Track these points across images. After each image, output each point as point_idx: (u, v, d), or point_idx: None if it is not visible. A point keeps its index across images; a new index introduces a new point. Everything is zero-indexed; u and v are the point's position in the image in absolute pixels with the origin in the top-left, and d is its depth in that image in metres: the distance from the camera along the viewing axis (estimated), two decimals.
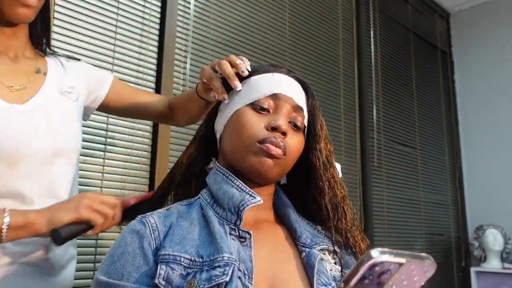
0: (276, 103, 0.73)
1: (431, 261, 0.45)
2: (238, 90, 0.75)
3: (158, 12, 1.56)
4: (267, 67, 0.77)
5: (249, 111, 0.72)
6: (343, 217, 0.75)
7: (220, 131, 0.76)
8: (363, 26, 2.52)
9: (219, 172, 0.73)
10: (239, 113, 0.72)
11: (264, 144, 0.68)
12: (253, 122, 0.71)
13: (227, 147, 0.73)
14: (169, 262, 0.61)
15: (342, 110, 2.29)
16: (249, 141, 0.69)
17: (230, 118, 0.73)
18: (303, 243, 0.71)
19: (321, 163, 0.76)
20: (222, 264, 0.60)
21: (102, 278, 0.62)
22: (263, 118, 0.71)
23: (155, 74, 1.52)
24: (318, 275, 0.66)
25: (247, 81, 0.76)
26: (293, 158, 0.73)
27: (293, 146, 0.72)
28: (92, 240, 1.29)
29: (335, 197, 0.75)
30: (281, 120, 0.70)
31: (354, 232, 0.76)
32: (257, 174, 0.70)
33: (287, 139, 0.70)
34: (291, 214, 0.76)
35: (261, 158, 0.69)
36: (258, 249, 0.67)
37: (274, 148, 0.68)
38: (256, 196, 0.69)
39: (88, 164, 1.31)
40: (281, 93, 0.73)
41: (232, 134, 0.72)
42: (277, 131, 0.70)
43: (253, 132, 0.70)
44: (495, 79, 3.04)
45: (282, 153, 0.69)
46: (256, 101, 0.72)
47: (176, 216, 0.69)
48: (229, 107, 0.75)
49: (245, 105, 0.73)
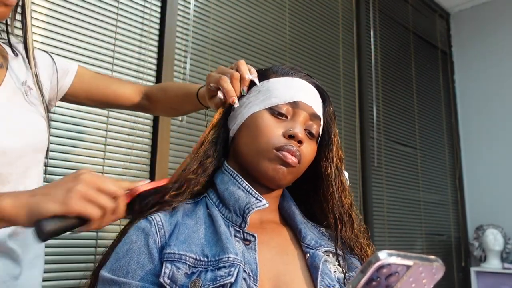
0: (294, 110, 0.72)
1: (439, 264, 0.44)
2: (235, 106, 0.74)
3: (158, 12, 1.56)
4: (287, 69, 0.77)
5: (267, 115, 0.72)
6: (349, 225, 0.76)
7: (234, 131, 0.75)
8: (363, 26, 2.51)
9: (226, 172, 0.73)
10: (256, 116, 0.72)
11: (281, 151, 0.68)
12: (271, 127, 0.70)
13: (241, 149, 0.73)
14: (174, 260, 0.61)
15: (342, 110, 2.28)
16: (265, 146, 0.69)
17: (246, 120, 0.73)
18: (308, 244, 0.71)
19: (332, 171, 0.76)
20: (228, 265, 0.60)
21: (106, 275, 0.62)
22: (280, 124, 0.71)
23: (155, 74, 1.51)
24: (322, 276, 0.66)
25: (266, 83, 0.75)
26: (306, 166, 0.73)
27: (307, 154, 0.72)
28: (92, 240, 1.28)
29: (342, 205, 0.75)
30: (298, 128, 0.70)
31: (361, 239, 0.76)
32: (269, 180, 0.70)
33: (302, 147, 0.71)
34: (297, 215, 0.76)
35: (276, 165, 0.69)
36: (263, 251, 0.67)
37: (290, 156, 0.69)
38: (262, 200, 0.69)
39: (88, 164, 1.31)
40: (301, 101, 0.73)
41: (248, 137, 0.72)
42: (294, 139, 0.70)
43: (270, 137, 0.69)
44: (495, 79, 3.04)
45: (297, 162, 0.70)
46: (275, 106, 0.72)
47: (182, 214, 0.69)
48: (246, 107, 0.74)
49: (263, 109, 0.72)
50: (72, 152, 1.27)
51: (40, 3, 1.26)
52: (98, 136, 1.34)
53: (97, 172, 1.31)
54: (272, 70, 0.77)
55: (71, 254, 1.24)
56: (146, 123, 1.46)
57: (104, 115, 1.35)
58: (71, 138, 1.28)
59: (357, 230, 0.76)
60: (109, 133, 1.37)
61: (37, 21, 1.25)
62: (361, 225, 0.78)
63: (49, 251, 1.19)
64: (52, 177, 1.22)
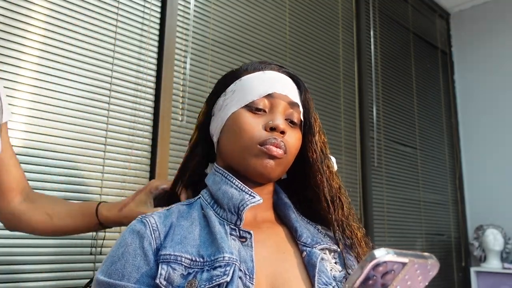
0: (271, 102, 0.72)
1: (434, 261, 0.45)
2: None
3: (158, 12, 1.56)
4: (257, 64, 0.77)
5: (245, 113, 0.72)
6: (340, 207, 0.76)
7: (217, 135, 0.76)
8: (363, 26, 2.51)
9: (218, 173, 0.74)
10: (235, 116, 0.72)
11: (265, 146, 0.68)
12: (251, 124, 0.70)
13: (226, 151, 0.73)
14: (170, 262, 0.61)
15: (342, 110, 2.29)
16: (249, 143, 0.69)
17: (227, 122, 0.73)
18: (304, 242, 0.71)
19: (317, 155, 0.76)
20: (223, 264, 0.60)
21: (102, 279, 0.62)
22: (260, 118, 0.71)
23: (155, 74, 1.52)
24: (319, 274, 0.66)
25: (239, 82, 0.75)
26: (293, 154, 0.74)
27: (292, 143, 0.72)
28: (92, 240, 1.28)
29: (331, 188, 0.76)
30: (279, 119, 0.70)
31: (351, 221, 0.77)
32: (259, 175, 0.70)
33: (286, 137, 0.71)
34: (292, 213, 0.76)
35: (263, 160, 0.69)
36: (259, 249, 0.67)
37: (275, 149, 0.69)
38: (256, 196, 0.69)
39: (88, 164, 1.31)
40: (276, 92, 0.73)
41: (230, 138, 0.72)
42: (276, 130, 0.70)
43: (252, 134, 0.70)
44: (495, 79, 3.04)
45: (283, 153, 0.70)
46: (251, 102, 0.72)
47: (177, 216, 0.69)
48: (224, 110, 0.74)
49: (240, 108, 0.72)
50: (72, 152, 1.28)
51: (40, 3, 1.26)
52: (98, 136, 1.34)
53: (97, 172, 1.32)
54: (243, 68, 0.77)
55: (70, 254, 1.24)
56: (146, 123, 1.46)
57: (104, 115, 1.36)
58: (71, 138, 1.28)
59: (347, 213, 0.77)
60: (109, 133, 1.37)
61: (37, 21, 1.25)
62: (350, 208, 0.79)
63: (49, 251, 1.20)
64: (51, 177, 1.22)
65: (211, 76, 1.67)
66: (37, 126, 1.22)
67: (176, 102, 1.55)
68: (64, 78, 1.28)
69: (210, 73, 1.67)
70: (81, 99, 1.31)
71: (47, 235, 0.95)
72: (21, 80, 1.20)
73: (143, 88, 1.47)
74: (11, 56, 1.19)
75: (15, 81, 1.19)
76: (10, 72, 1.18)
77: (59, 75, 1.27)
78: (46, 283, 1.18)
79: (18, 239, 1.14)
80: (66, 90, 1.28)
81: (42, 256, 1.18)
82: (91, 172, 1.32)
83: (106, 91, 1.37)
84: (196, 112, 1.59)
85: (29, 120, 1.20)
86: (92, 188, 1.31)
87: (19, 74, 1.20)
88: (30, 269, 1.16)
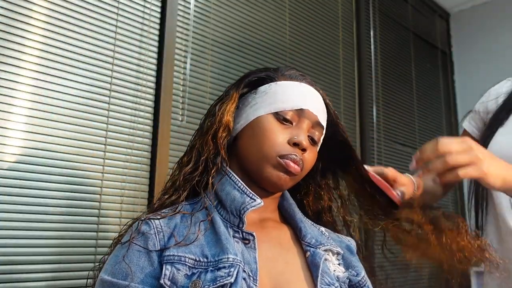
0: (300, 117, 0.72)
1: None
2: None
3: (158, 12, 1.56)
4: (294, 73, 0.76)
5: (272, 119, 0.71)
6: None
7: (237, 131, 0.75)
8: (363, 26, 2.51)
9: (223, 172, 0.73)
10: (262, 120, 0.72)
11: (284, 159, 0.69)
12: (276, 133, 0.70)
13: (244, 151, 0.73)
14: (174, 262, 0.61)
15: (342, 110, 2.29)
16: (270, 152, 0.69)
17: (251, 123, 0.73)
18: (308, 242, 0.71)
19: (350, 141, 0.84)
20: (227, 265, 0.60)
21: (106, 278, 0.62)
22: (285, 130, 0.71)
23: (155, 74, 1.52)
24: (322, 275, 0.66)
25: (274, 85, 0.74)
26: (307, 171, 0.75)
27: (309, 161, 0.73)
28: (92, 240, 1.28)
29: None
30: (303, 136, 0.71)
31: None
32: (271, 185, 0.71)
33: (305, 155, 0.71)
34: (296, 214, 0.76)
35: (279, 172, 0.69)
36: (263, 249, 0.67)
37: (293, 165, 0.69)
38: (257, 199, 0.69)
39: (88, 164, 1.31)
40: (308, 109, 0.73)
41: (251, 140, 0.72)
42: (299, 147, 0.70)
43: (275, 144, 0.70)
44: (495, 79, 3.02)
45: (300, 170, 0.70)
46: (281, 111, 0.72)
47: (181, 216, 0.69)
48: (252, 108, 0.74)
49: (269, 113, 0.72)
50: (72, 152, 1.28)
51: (40, 3, 1.26)
52: (98, 136, 1.34)
53: (97, 172, 1.31)
54: (280, 72, 0.76)
55: (71, 254, 1.24)
56: (146, 123, 1.46)
57: (104, 115, 1.36)
58: (71, 138, 1.28)
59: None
60: (109, 133, 1.37)
61: (37, 21, 1.25)
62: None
63: (49, 251, 1.20)
64: (51, 177, 1.22)
65: (211, 76, 1.67)
66: (37, 126, 1.21)
67: (176, 102, 1.55)
68: (64, 78, 1.28)
69: (210, 73, 1.67)
70: (81, 99, 1.31)
71: None
72: (21, 80, 1.20)
73: (143, 88, 1.47)
74: (11, 56, 1.18)
75: (15, 81, 1.19)
76: (10, 72, 1.18)
77: (59, 75, 1.27)
78: (46, 283, 1.18)
79: (18, 239, 1.14)
80: (66, 90, 1.28)
81: (42, 256, 1.18)
82: (91, 172, 1.32)
83: (106, 91, 1.37)
84: (196, 112, 1.59)
85: (29, 120, 1.20)
86: (92, 188, 1.31)
87: (19, 74, 1.20)
88: (30, 269, 1.16)
